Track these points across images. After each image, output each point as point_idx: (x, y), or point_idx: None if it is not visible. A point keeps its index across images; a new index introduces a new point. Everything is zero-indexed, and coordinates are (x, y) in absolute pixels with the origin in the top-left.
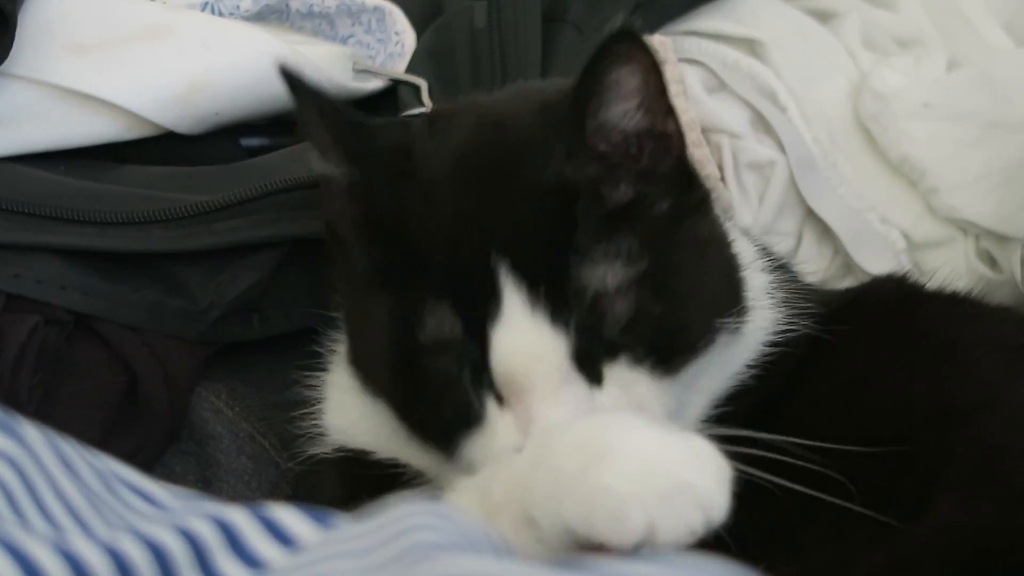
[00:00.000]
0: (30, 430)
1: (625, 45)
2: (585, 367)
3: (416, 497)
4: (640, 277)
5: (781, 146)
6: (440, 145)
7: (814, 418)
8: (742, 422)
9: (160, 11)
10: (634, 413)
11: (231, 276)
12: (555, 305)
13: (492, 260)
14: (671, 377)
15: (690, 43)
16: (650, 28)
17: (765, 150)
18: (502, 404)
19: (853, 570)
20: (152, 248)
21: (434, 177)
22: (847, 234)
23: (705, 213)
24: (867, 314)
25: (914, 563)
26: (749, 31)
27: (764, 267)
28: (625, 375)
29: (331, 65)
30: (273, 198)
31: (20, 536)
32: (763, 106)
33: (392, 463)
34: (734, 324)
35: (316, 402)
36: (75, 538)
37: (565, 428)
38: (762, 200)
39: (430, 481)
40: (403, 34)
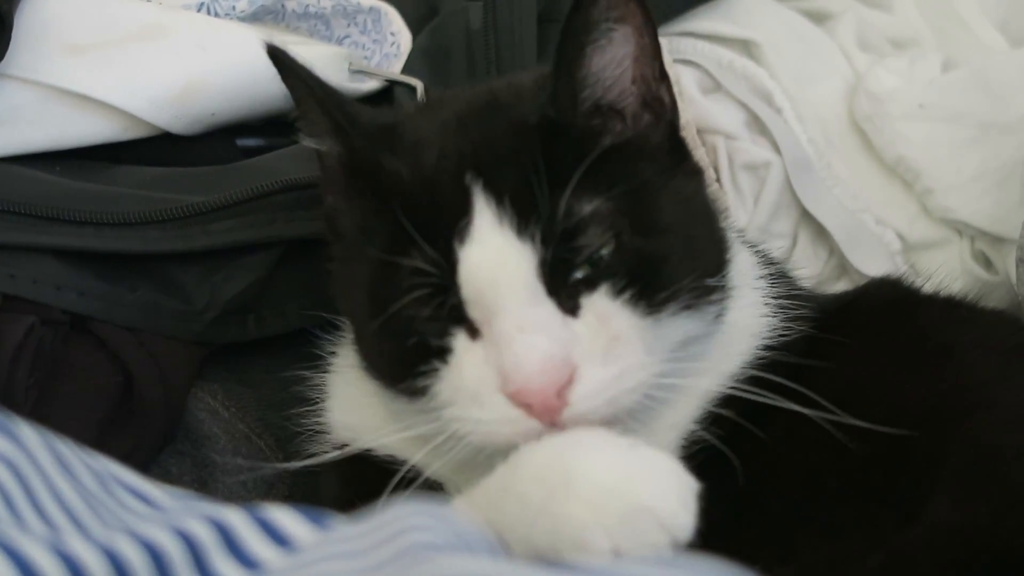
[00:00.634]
0: (27, 431)
1: (627, 4)
2: (558, 291)
3: (414, 497)
4: (620, 210)
5: (776, 147)
6: (428, 113)
7: (810, 421)
8: (738, 424)
9: (156, 12)
10: (610, 346)
11: (227, 277)
12: (522, 219)
13: (466, 181)
14: (652, 316)
15: (686, 44)
16: None
17: (760, 151)
18: (474, 337)
19: (849, 570)
20: (148, 249)
21: (420, 137)
22: (842, 235)
23: (696, 182)
24: (863, 317)
25: (910, 563)
26: (744, 32)
27: (761, 273)
28: (604, 306)
29: (327, 66)
30: (269, 199)
31: (17, 536)
32: (758, 107)
33: (391, 460)
34: (717, 297)
35: (319, 401)
36: (71, 538)
37: (531, 451)
38: (757, 201)
39: (430, 481)
40: (399, 35)
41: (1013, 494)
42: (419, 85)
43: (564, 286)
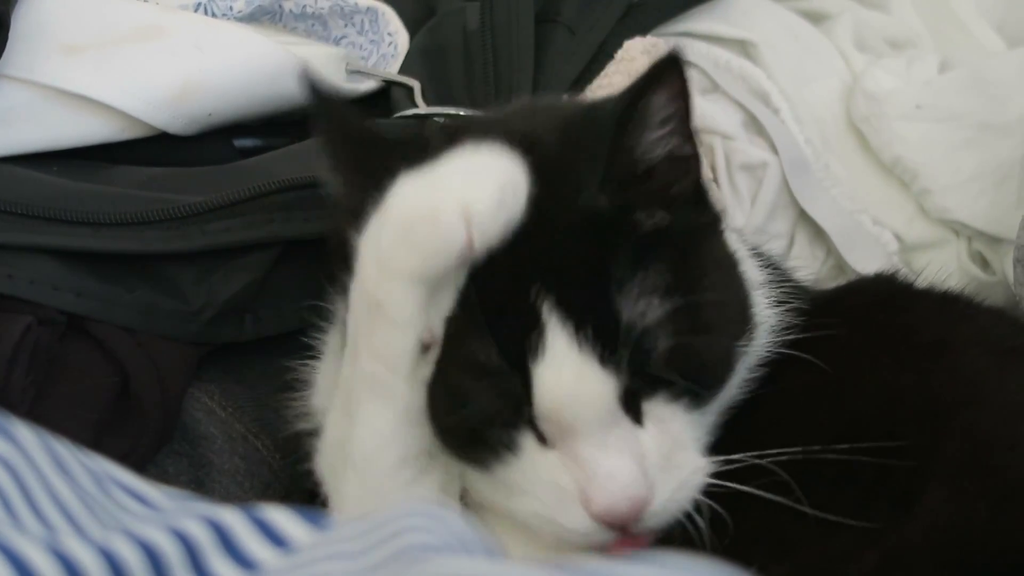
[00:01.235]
0: (23, 431)
1: (669, 72)
2: (630, 407)
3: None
4: (676, 309)
5: (774, 147)
6: None
7: (801, 416)
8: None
9: (153, 12)
10: (671, 452)
11: (224, 277)
12: (603, 344)
13: (534, 294)
14: (702, 410)
15: (682, 44)
16: (642, 30)
17: (757, 151)
18: (544, 443)
19: (845, 569)
20: (145, 249)
21: None
22: (839, 235)
23: (719, 235)
24: (856, 311)
25: (905, 562)
26: (741, 32)
27: (764, 280)
28: (662, 411)
29: (324, 66)
30: (266, 199)
31: (13, 536)
32: (755, 107)
33: None
34: (746, 347)
35: (306, 386)
36: (68, 539)
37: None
38: (754, 201)
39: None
40: (396, 35)
41: (1009, 488)
42: (416, 85)
43: (634, 400)
